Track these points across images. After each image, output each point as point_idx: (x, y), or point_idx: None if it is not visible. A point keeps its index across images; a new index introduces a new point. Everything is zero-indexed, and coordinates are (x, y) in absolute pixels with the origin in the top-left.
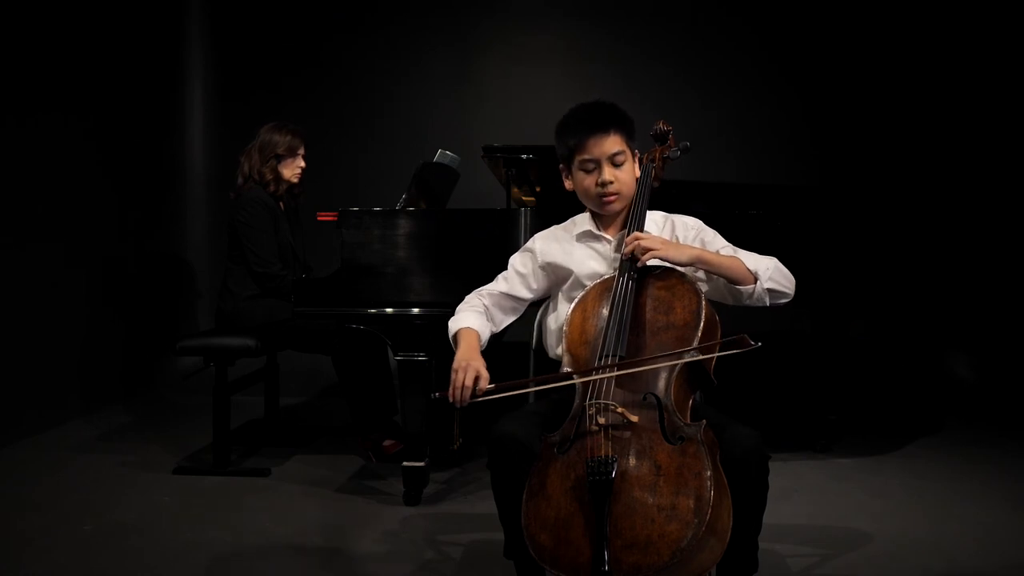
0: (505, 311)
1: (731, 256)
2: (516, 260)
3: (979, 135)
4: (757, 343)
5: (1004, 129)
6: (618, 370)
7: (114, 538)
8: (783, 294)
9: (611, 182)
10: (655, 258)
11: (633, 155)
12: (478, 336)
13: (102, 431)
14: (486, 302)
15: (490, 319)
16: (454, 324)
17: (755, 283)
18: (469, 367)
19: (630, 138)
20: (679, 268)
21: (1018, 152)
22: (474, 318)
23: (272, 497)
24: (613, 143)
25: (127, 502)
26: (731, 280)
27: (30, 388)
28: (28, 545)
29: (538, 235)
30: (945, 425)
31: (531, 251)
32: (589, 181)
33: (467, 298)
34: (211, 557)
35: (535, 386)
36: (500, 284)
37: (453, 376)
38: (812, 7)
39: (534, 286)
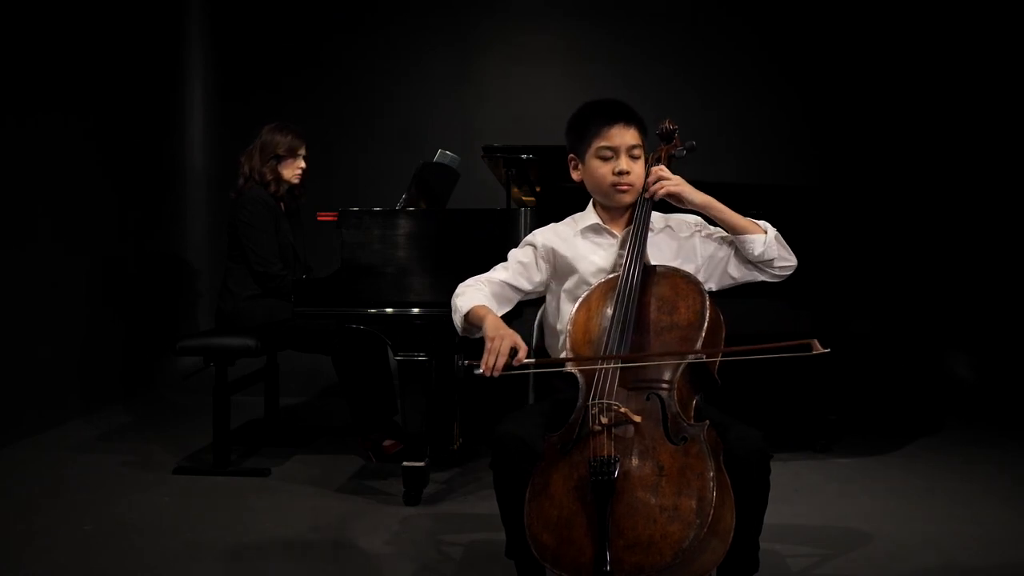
0: (501, 300)
1: (740, 216)
2: (517, 252)
3: (979, 135)
4: (826, 349)
5: (1004, 129)
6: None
7: (114, 538)
8: (789, 255)
9: (628, 172)
10: (669, 191)
11: (644, 153)
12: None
13: (102, 431)
14: (487, 289)
15: (493, 305)
16: (464, 303)
17: (764, 233)
18: (506, 336)
19: (645, 137)
20: (680, 269)
21: (1018, 152)
22: (484, 298)
23: (272, 497)
24: (634, 136)
25: (127, 502)
26: (741, 230)
27: (30, 388)
28: (28, 545)
29: (538, 231)
30: (945, 425)
31: (532, 244)
32: (605, 169)
33: (467, 282)
34: (211, 557)
35: (572, 365)
36: (500, 273)
37: (489, 343)
38: (812, 7)
39: (536, 279)
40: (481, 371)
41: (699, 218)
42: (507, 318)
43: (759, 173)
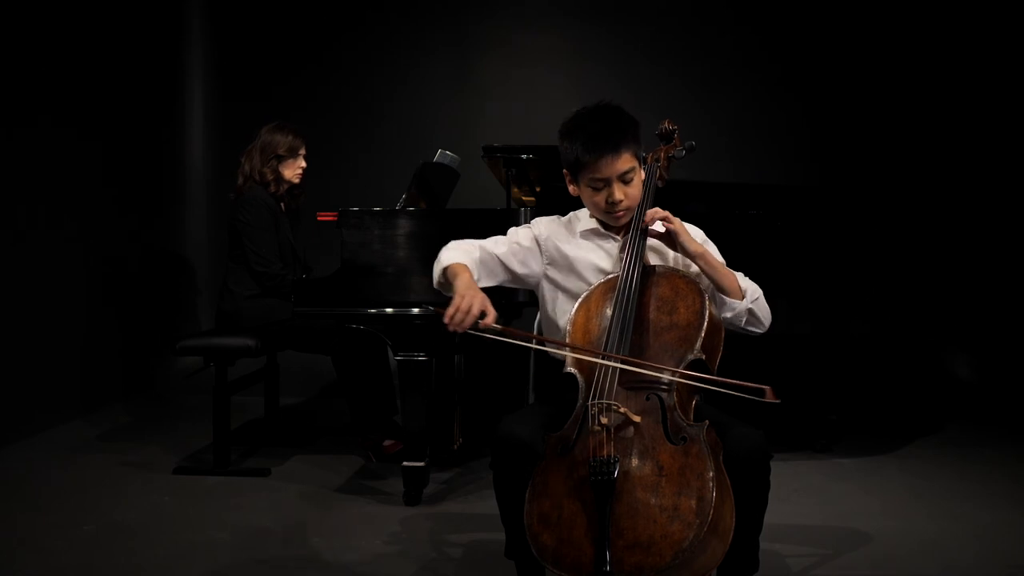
0: (489, 273)
1: (730, 271)
2: (519, 233)
3: (979, 135)
4: (777, 400)
5: (1004, 129)
6: (621, 364)
7: (114, 538)
8: (759, 323)
9: (621, 200)
10: (671, 231)
11: (640, 162)
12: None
13: (102, 431)
14: (476, 255)
15: (476, 270)
16: (448, 257)
17: (741, 300)
18: (476, 297)
19: (639, 147)
20: (679, 269)
21: (1018, 152)
22: (469, 261)
23: (272, 497)
24: (624, 162)
25: (127, 502)
26: (722, 289)
27: (30, 388)
28: (28, 545)
29: (542, 221)
30: (945, 425)
31: (536, 233)
32: (598, 198)
33: (459, 241)
34: (211, 557)
35: (536, 343)
36: (498, 246)
37: (457, 299)
38: (812, 8)
39: (531, 267)
40: (445, 322)
41: (702, 233)
42: (506, 317)
43: (759, 173)
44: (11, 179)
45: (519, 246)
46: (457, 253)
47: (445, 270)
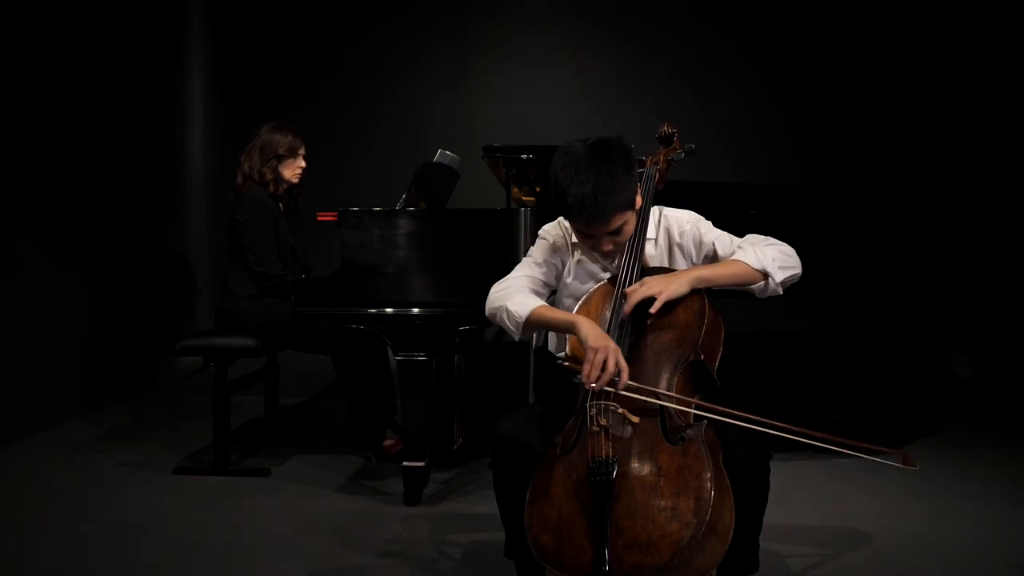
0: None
1: (732, 261)
2: (544, 251)
3: (979, 135)
4: (915, 466)
5: (1004, 129)
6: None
7: (114, 538)
8: (794, 277)
9: (611, 249)
10: (659, 306)
11: (633, 208)
12: None
13: (102, 431)
14: (530, 286)
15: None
16: (519, 307)
17: (766, 279)
18: (613, 351)
19: (632, 193)
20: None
21: (1018, 152)
22: (536, 298)
23: (272, 497)
24: (614, 223)
25: (127, 502)
26: (740, 285)
27: (30, 388)
28: (28, 545)
29: (547, 230)
30: (945, 425)
31: (549, 241)
32: (587, 243)
33: (505, 284)
34: (211, 557)
35: (665, 400)
36: (536, 271)
37: (593, 355)
38: (812, 8)
39: (559, 272)
40: (580, 381)
41: (695, 215)
42: None
43: (759, 173)
44: (11, 179)
45: (547, 263)
46: (521, 296)
47: (528, 318)
